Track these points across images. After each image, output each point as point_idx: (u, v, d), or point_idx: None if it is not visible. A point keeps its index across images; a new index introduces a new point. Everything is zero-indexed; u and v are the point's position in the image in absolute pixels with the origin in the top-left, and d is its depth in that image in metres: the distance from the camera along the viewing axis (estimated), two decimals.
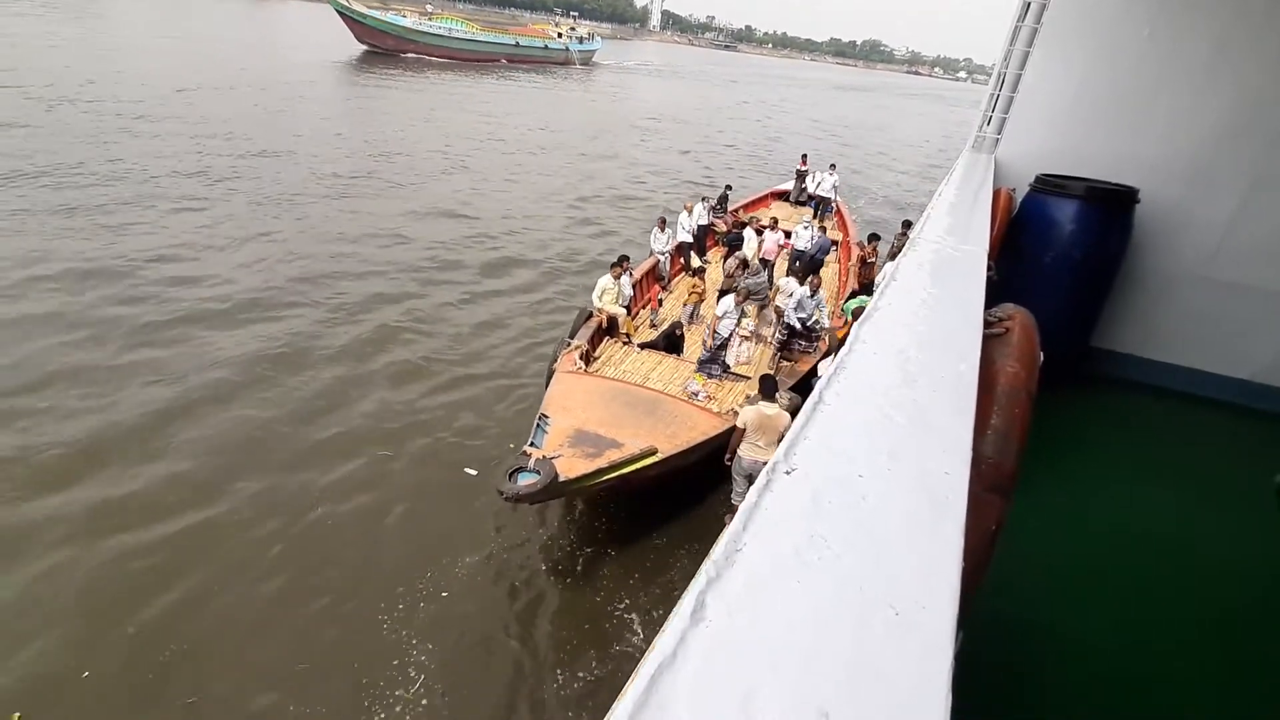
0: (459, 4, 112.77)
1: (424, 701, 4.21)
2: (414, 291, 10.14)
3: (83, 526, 5.13)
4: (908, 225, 10.01)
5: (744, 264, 8.93)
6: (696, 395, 6.56)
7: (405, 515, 5.69)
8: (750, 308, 7.40)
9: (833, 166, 15.46)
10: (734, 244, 10.41)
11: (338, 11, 43.28)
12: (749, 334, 6.93)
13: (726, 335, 7.03)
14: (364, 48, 44.21)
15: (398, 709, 4.15)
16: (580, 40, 62.43)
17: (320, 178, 15.25)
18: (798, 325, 7.70)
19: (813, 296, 7.71)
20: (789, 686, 0.83)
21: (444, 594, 5.00)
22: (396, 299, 9.76)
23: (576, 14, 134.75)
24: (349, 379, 7.54)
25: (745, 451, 5.35)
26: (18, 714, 3.93)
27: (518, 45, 54.47)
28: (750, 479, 5.23)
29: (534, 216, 15.02)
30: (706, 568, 1.01)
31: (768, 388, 5.38)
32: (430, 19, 49.39)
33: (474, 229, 13.45)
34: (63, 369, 6.94)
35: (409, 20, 45.72)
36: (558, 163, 21.03)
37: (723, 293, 8.68)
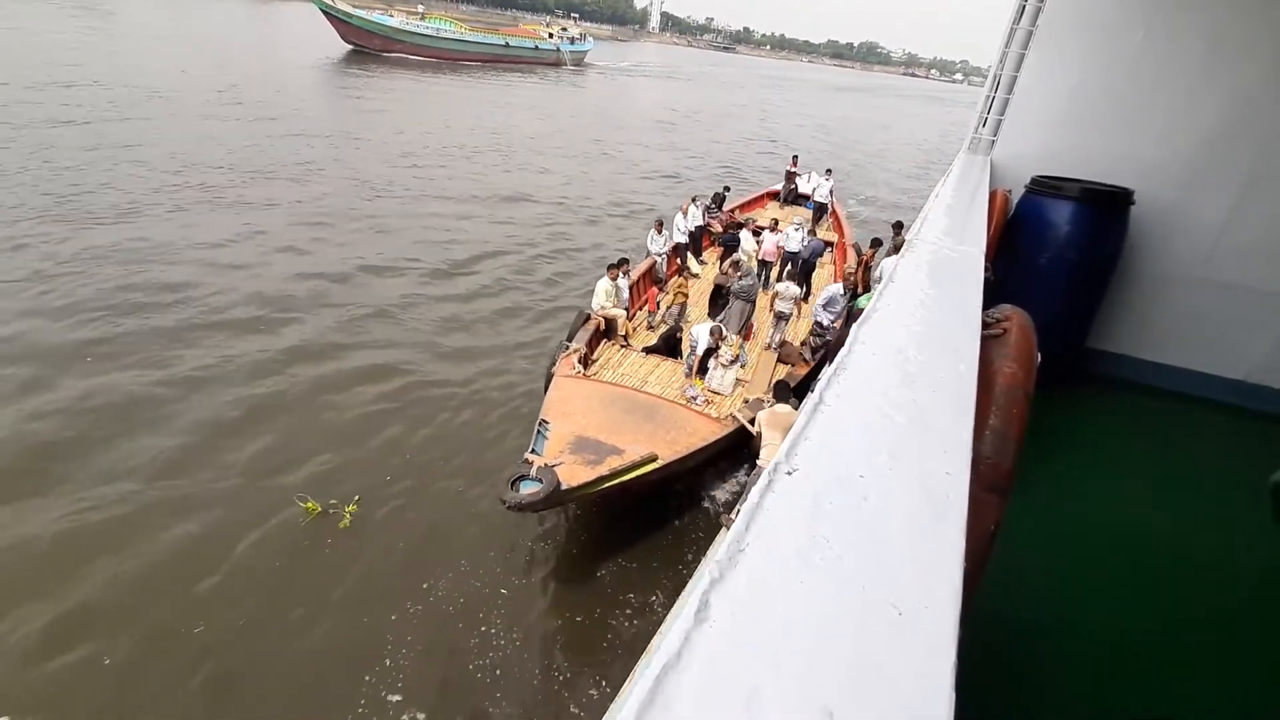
0: (461, 5, 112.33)
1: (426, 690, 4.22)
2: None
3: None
4: (899, 226, 10.01)
5: (735, 265, 8.93)
6: (695, 399, 6.55)
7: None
8: (733, 337, 7.34)
9: (829, 171, 15.41)
10: (729, 244, 10.40)
11: (322, 11, 42.72)
12: (727, 363, 6.85)
13: (701, 353, 6.89)
14: (349, 47, 43.79)
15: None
16: (572, 41, 62.00)
17: (389, 162, 17.60)
18: (826, 323, 7.59)
19: (845, 294, 7.57)
20: (793, 686, 0.84)
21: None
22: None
23: (577, 15, 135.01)
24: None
25: (764, 458, 5.22)
26: (357, 496, 4.94)
27: (507, 46, 54.01)
28: None
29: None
30: (710, 568, 1.01)
31: (781, 393, 5.40)
32: (422, 19, 49.19)
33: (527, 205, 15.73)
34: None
35: (395, 20, 45.24)
36: (561, 150, 22.65)
37: (716, 292, 8.67)
